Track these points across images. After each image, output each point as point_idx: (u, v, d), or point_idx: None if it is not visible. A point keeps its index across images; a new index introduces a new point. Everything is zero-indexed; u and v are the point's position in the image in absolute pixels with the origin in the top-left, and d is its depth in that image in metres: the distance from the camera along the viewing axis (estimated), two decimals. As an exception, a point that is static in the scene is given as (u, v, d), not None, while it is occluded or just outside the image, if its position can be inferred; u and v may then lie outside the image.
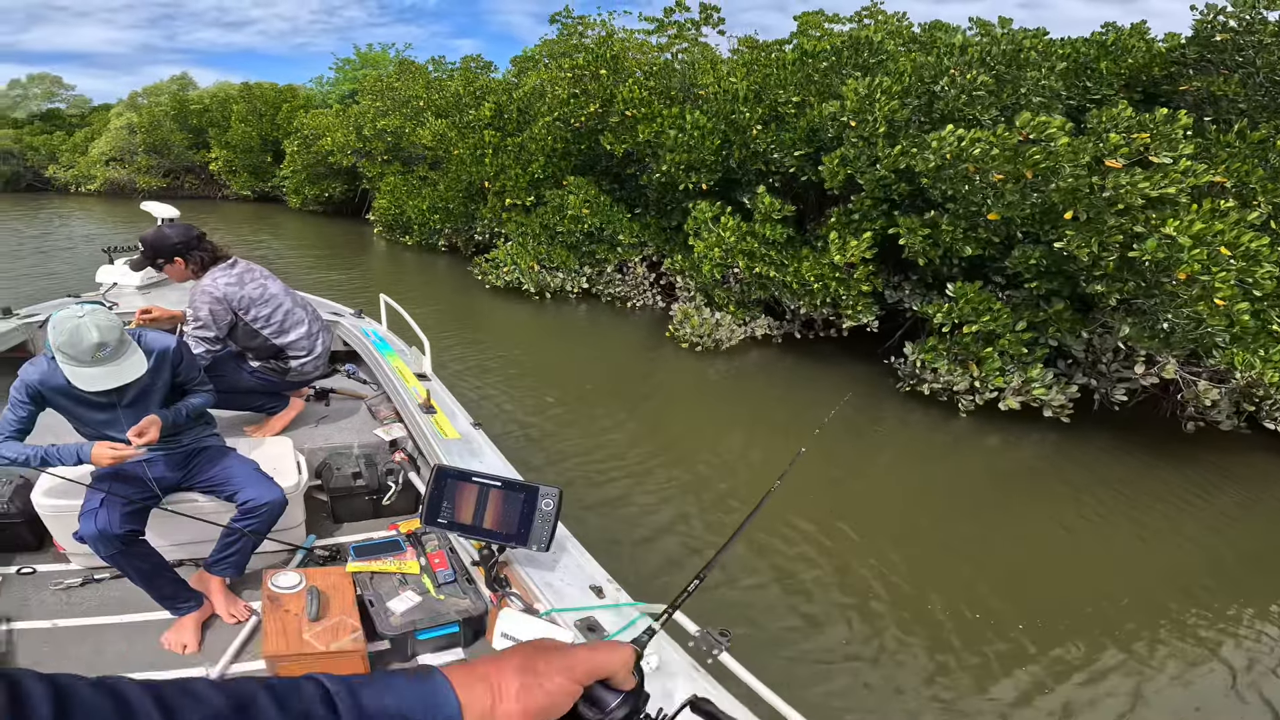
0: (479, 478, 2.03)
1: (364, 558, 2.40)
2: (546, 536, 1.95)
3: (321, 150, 17.14)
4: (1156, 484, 5.11)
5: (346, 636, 2.07)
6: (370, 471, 3.03)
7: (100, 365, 2.01)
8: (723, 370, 7.35)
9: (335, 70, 26.64)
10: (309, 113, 19.60)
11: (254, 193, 22.55)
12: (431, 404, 3.05)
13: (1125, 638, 3.49)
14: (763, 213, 7.48)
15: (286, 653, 2.00)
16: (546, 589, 1.92)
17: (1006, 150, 5.56)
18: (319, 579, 2.27)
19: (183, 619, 2.27)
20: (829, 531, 4.22)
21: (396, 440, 3.25)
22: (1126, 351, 5.75)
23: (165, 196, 24.08)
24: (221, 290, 2.96)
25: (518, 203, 10.34)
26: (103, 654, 2.19)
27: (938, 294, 7.03)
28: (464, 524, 2.02)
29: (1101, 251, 5.27)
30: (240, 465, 2.42)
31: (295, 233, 16.94)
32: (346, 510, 3.01)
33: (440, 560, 2.37)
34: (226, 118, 22.54)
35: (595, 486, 4.69)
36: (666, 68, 10.01)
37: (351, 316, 4.43)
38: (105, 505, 2.12)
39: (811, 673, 3.14)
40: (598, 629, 1.76)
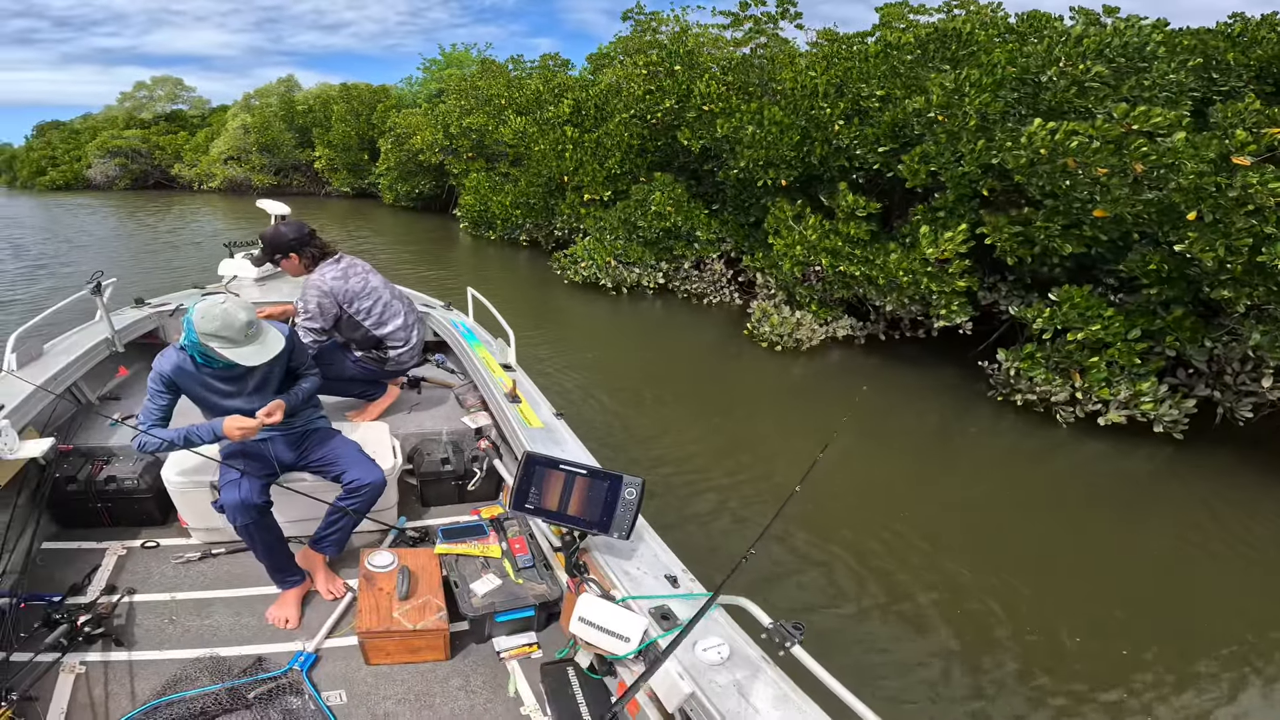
0: (566, 465, 2.08)
1: (451, 540, 2.49)
2: (628, 525, 1.99)
3: (412, 148, 17.91)
4: (1276, 509, 4.68)
5: (432, 616, 2.16)
6: (457, 458, 3.12)
7: (253, 342, 2.19)
8: (804, 371, 7.22)
9: (423, 70, 27.81)
10: (400, 112, 20.52)
11: (352, 189, 23.89)
12: (517, 393, 3.12)
13: (1237, 675, 3.24)
14: (846, 210, 7.29)
15: (377, 629, 2.11)
16: (624, 576, 1.95)
17: (1108, 143, 5.18)
18: (410, 559, 2.37)
19: (287, 594, 2.40)
20: (903, 539, 4.10)
21: (481, 428, 3.32)
22: (1255, 362, 5.27)
23: (275, 193, 25.88)
24: (329, 284, 3.12)
25: (595, 198, 10.50)
26: (213, 626, 2.31)
27: (1038, 296, 6.65)
28: (549, 510, 2.06)
29: (1228, 255, 4.85)
30: (346, 447, 2.54)
31: (389, 228, 17.79)
32: (434, 494, 3.11)
33: (520, 546, 2.45)
34: (328, 117, 23.93)
35: (667, 482, 4.71)
36: (744, 63, 9.88)
37: (441, 309, 4.56)
38: (245, 477, 2.29)
39: (884, 672, 3.10)
40: (671, 617, 1.79)
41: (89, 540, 2.72)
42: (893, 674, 3.16)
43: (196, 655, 2.15)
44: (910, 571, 3.88)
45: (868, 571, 3.84)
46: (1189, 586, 3.90)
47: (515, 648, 2.24)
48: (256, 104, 27.37)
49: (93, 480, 2.74)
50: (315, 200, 24.13)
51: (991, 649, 3.32)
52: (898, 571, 3.87)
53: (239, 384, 2.36)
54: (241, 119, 26.31)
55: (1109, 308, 5.68)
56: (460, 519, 2.84)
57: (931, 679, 3.14)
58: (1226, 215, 4.85)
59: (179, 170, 28.43)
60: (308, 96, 26.39)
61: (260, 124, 25.30)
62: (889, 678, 3.13)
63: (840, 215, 7.38)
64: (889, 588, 3.73)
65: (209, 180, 26.87)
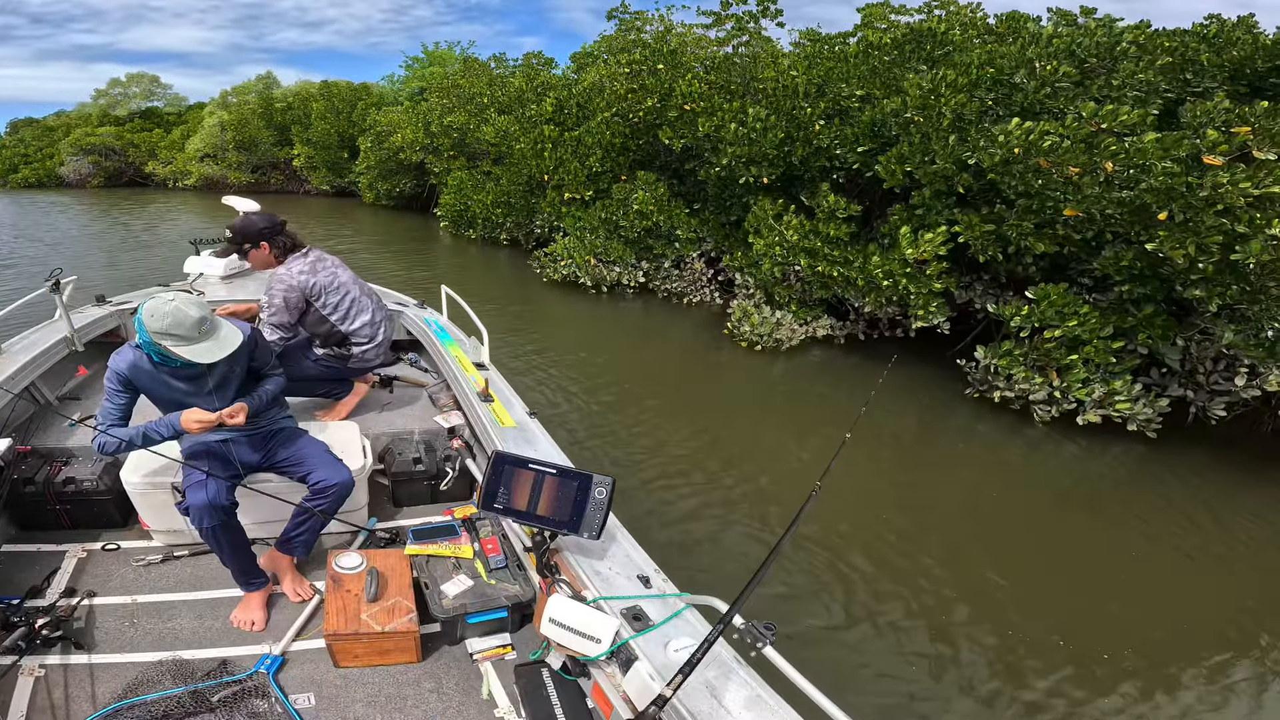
0: (535, 464, 2.06)
1: (421, 541, 2.45)
2: (598, 525, 1.97)
3: (392, 147, 17.74)
4: (1252, 506, 4.72)
5: (402, 618, 2.13)
6: (430, 457, 3.09)
7: (207, 339, 2.13)
8: (784, 370, 7.22)
9: (405, 68, 27.56)
10: (381, 110, 20.31)
11: (332, 188, 23.60)
12: (489, 393, 3.10)
13: (1204, 670, 3.25)
14: (826, 210, 7.30)
15: (345, 631, 2.08)
16: (595, 577, 1.94)
17: (1078, 142, 5.22)
18: (379, 560, 2.33)
19: (251, 596, 2.36)
20: (882, 538, 4.09)
21: (455, 428, 3.29)
22: (1228, 361, 5.33)
23: (253, 191, 25.49)
24: (296, 278, 3.04)
25: (576, 196, 10.44)
26: (175, 630, 2.28)
27: (1013, 295, 6.70)
28: (519, 510, 2.05)
29: (1199, 254, 4.90)
30: (313, 447, 2.50)
31: (368, 226, 17.61)
32: (406, 494, 3.08)
33: (493, 546, 2.41)
34: (307, 115, 23.61)
35: (644, 482, 4.67)
36: (726, 61, 9.88)
37: (415, 307, 4.52)
38: (210, 478, 2.23)
39: (857, 677, 3.08)
40: (643, 618, 1.78)
41: (48, 543, 2.67)
42: (867, 675, 3.13)
43: (159, 658, 2.11)
44: (887, 571, 3.86)
45: (843, 571, 3.82)
46: (1163, 586, 3.92)
47: (488, 649, 2.22)
48: (234, 101, 26.95)
49: (51, 482, 2.69)
50: (294, 198, 23.80)
51: (967, 648, 3.31)
52: (874, 571, 3.85)
53: (198, 383, 2.31)
54: (218, 116, 25.90)
55: (1085, 305, 5.73)
56: (432, 519, 2.80)
57: (907, 678, 3.12)
58: (1197, 215, 4.90)
59: (153, 168, 27.90)
60: (287, 94, 26.04)
61: (238, 121, 24.91)
62: (863, 679, 3.11)
63: (821, 215, 7.38)
64: (865, 587, 3.71)
65: (184, 178, 26.41)
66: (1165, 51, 6.50)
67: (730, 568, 3.78)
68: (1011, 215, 6.07)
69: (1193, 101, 5.59)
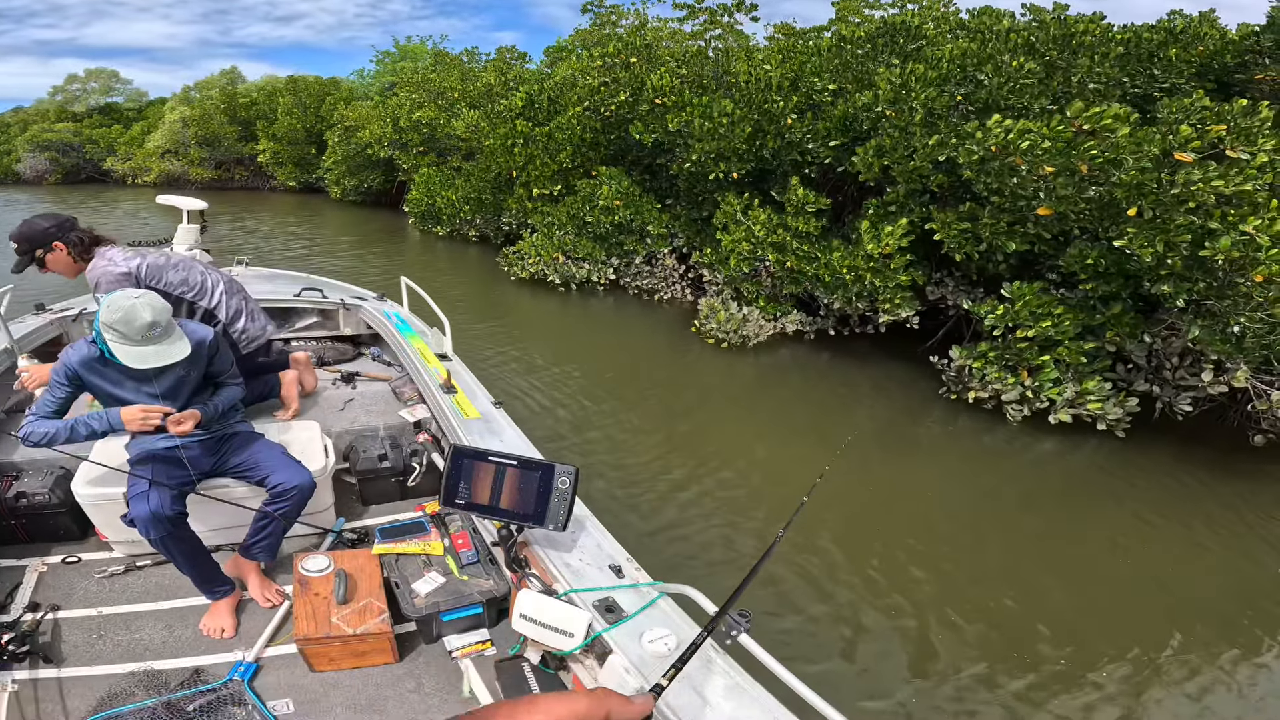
0: (495, 457, 2.00)
1: (390, 540, 2.39)
2: (563, 515, 1.92)
3: (360, 142, 17.35)
4: (1219, 500, 4.70)
5: (374, 619, 2.09)
6: (396, 453, 3.02)
7: (149, 344, 2.07)
8: (751, 367, 7.10)
9: (376, 63, 27.06)
10: (349, 105, 19.87)
11: (299, 184, 23.04)
12: (452, 384, 3.06)
13: (1178, 663, 3.20)
14: (796, 205, 7.18)
15: (316, 636, 2.04)
16: (565, 569, 1.91)
17: (1059, 144, 5.16)
18: (347, 562, 2.29)
19: (218, 604, 2.30)
20: (856, 539, 3.99)
21: (420, 421, 3.23)
22: (1194, 357, 5.29)
23: (215, 188, 24.83)
24: (121, 265, 2.69)
25: (545, 192, 10.22)
26: (143, 641, 2.23)
27: (984, 292, 6.63)
28: (481, 504, 2.00)
29: (1167, 251, 4.84)
30: (269, 450, 2.43)
31: (336, 223, 17.23)
32: (374, 492, 3.01)
33: (464, 541, 2.35)
34: (273, 110, 23.04)
35: (611, 476, 4.60)
36: (699, 55, 9.74)
37: (374, 300, 4.43)
38: (154, 488, 2.16)
39: (836, 678, 3.01)
40: (616, 609, 1.75)
41: (7, 558, 2.59)
42: (838, 665, 3.08)
43: (130, 669, 2.08)
44: (859, 570, 3.76)
45: (812, 570, 3.69)
46: (1133, 585, 3.86)
47: (467, 646, 2.18)
48: (196, 96, 26.21)
49: (4, 497, 2.60)
50: (259, 195, 23.20)
51: (942, 648, 3.23)
52: (845, 569, 3.75)
53: (148, 385, 2.25)
54: (180, 112, 25.15)
55: (1060, 305, 5.67)
56: (400, 517, 2.71)
57: (881, 676, 3.05)
58: (1166, 212, 4.85)
59: (112, 164, 27.04)
60: (251, 89, 25.40)
61: (200, 117, 24.22)
62: (836, 670, 3.05)
63: (790, 210, 7.26)
64: (835, 585, 3.61)
65: (144, 174, 25.61)
66: (1119, 43, 6.49)
67: (703, 555, 3.75)
68: (985, 213, 6.00)
69: (1169, 98, 5.54)
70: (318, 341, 4.19)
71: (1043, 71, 6.27)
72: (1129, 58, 6.52)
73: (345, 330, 4.30)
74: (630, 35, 11.03)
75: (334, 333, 4.30)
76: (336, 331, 4.30)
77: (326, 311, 4.32)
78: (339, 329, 4.30)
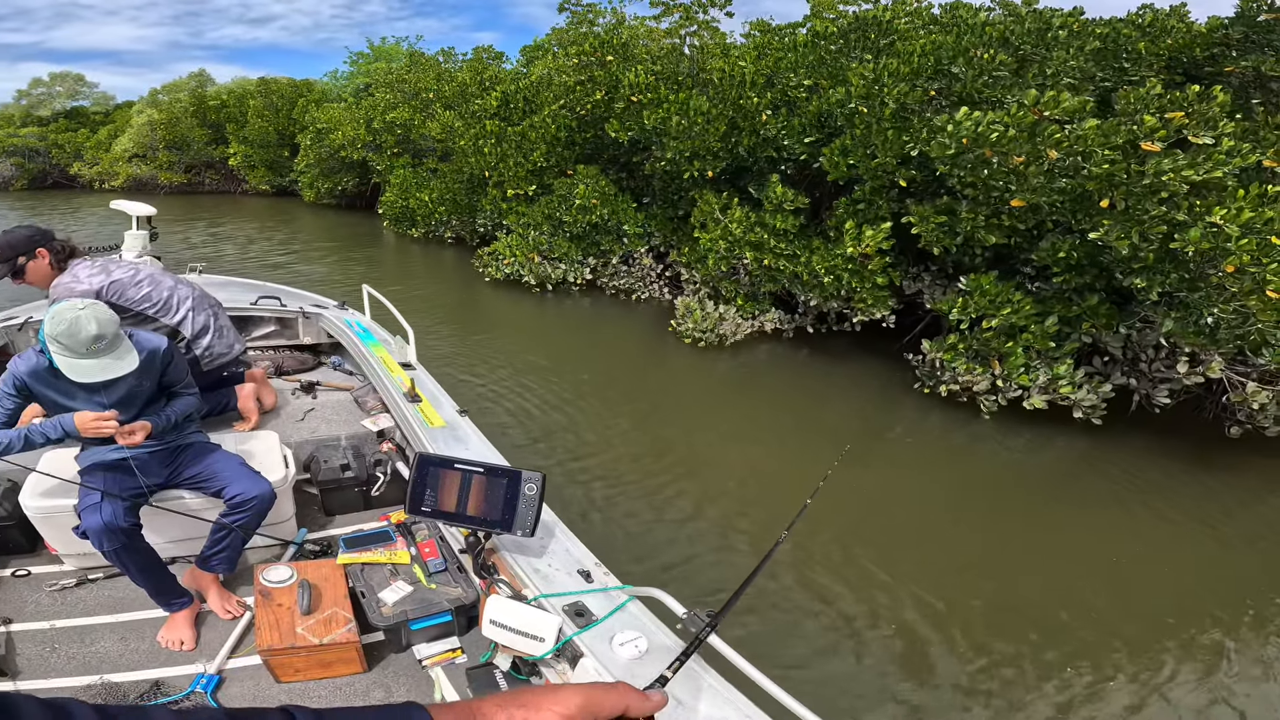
0: (461, 464, 2.00)
1: (354, 549, 2.38)
2: (531, 522, 1.93)
3: (333, 144, 17.07)
4: (1195, 492, 4.71)
5: (340, 628, 2.08)
6: (359, 463, 3.00)
7: (94, 358, 2.04)
8: (728, 366, 7.03)
9: (350, 64, 26.63)
10: (321, 107, 19.55)
11: (272, 187, 22.58)
12: (416, 392, 3.03)
13: (1156, 657, 3.18)
14: (774, 203, 7.13)
15: (280, 646, 2.01)
16: (534, 574, 1.91)
17: (1022, 130, 5.15)
18: (310, 572, 2.27)
19: (176, 615, 2.27)
20: (830, 537, 3.92)
21: (384, 430, 3.21)
22: (1169, 349, 5.30)
23: (186, 193, 24.29)
24: (85, 282, 2.75)
25: (519, 192, 10.09)
26: (100, 654, 2.20)
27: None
28: (448, 512, 1.99)
29: (1141, 242, 4.84)
30: (226, 460, 2.41)
31: (309, 226, 16.93)
32: (337, 502, 2.99)
33: (431, 549, 2.35)
34: (244, 113, 22.60)
35: (584, 481, 4.52)
36: (674, 51, 9.67)
37: (335, 308, 4.36)
38: (106, 499, 2.13)
39: (810, 678, 2.95)
40: (585, 613, 1.75)
41: None
42: (812, 668, 3.04)
43: (87, 683, 2.06)
44: (832, 570, 3.70)
45: (788, 571, 3.61)
46: (1111, 577, 3.83)
47: (438, 654, 2.17)
48: (164, 99, 25.64)
49: None
50: (230, 199, 22.74)
51: (919, 647, 3.17)
52: (819, 570, 3.68)
53: (98, 395, 2.22)
54: (147, 115, 24.57)
55: (1017, 293, 5.67)
56: (366, 526, 2.68)
57: (855, 676, 3.00)
58: (1139, 203, 4.85)
59: (79, 169, 26.38)
60: (221, 91, 24.88)
61: (168, 120, 23.68)
62: (809, 672, 3.00)
63: (769, 208, 7.21)
64: (808, 586, 3.55)
65: (111, 179, 24.99)
66: (1096, 37, 6.52)
67: (669, 559, 3.69)
68: (962, 207, 5.99)
69: (1126, 88, 5.56)
70: (276, 350, 4.12)
71: (1015, 64, 6.28)
72: (1104, 52, 6.55)
73: (305, 339, 4.25)
74: (607, 33, 10.93)
75: (293, 341, 4.24)
76: (296, 340, 4.25)
77: (285, 320, 4.26)
78: (298, 338, 4.25)
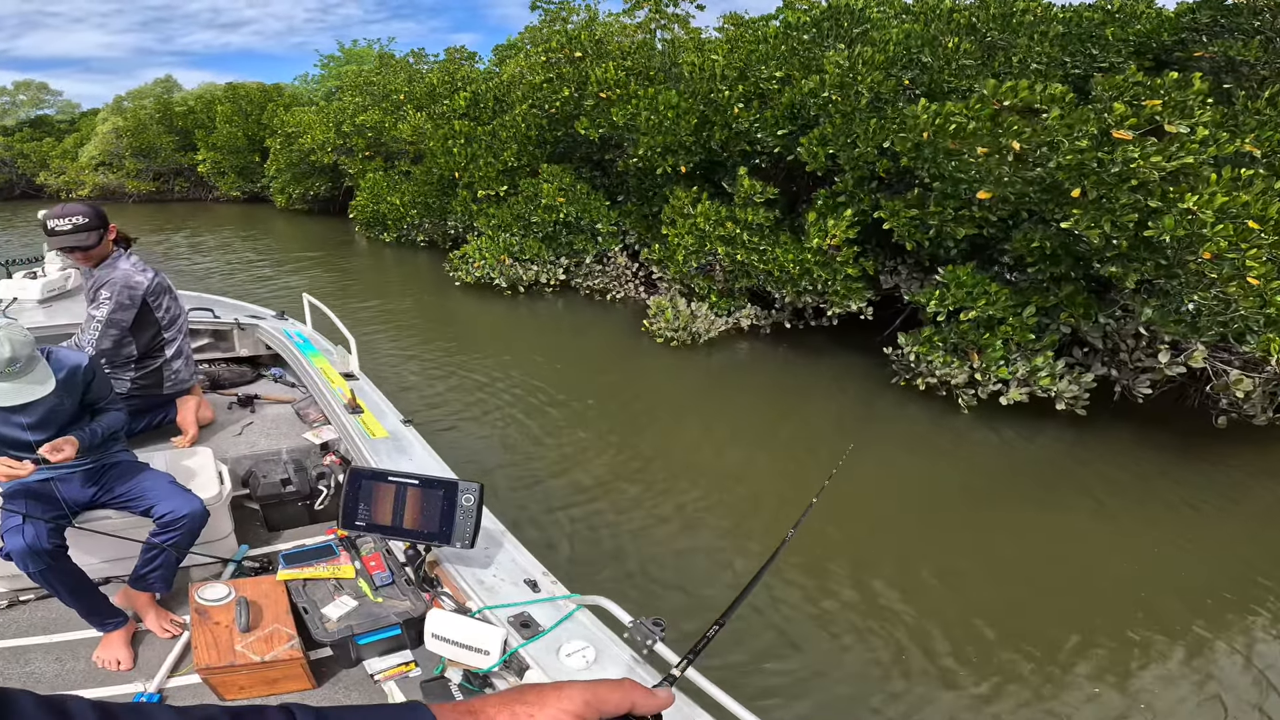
0: (395, 477, 1.98)
1: (295, 565, 2.34)
2: (470, 533, 1.91)
3: (302, 148, 16.76)
4: (1182, 483, 4.64)
5: (282, 645, 2.04)
6: (300, 476, 2.94)
7: (8, 381, 2.00)
8: (702, 366, 6.89)
9: (321, 67, 26.26)
10: (289, 111, 19.21)
11: (243, 193, 22.18)
12: (357, 403, 3.00)
13: (1146, 651, 3.12)
14: (743, 196, 6.99)
15: (219, 664, 1.97)
16: (478, 586, 1.89)
17: (982, 121, 5.06)
18: (248, 589, 2.23)
19: (111, 635, 2.23)
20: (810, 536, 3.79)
21: (328, 443, 3.15)
22: (1149, 338, 5.22)
23: (156, 200, 23.79)
24: (136, 275, 2.84)
25: (490, 193, 9.89)
26: (35, 675, 2.17)
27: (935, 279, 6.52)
28: (383, 525, 1.98)
29: (1114, 231, 4.75)
30: (154, 479, 2.36)
31: (281, 232, 16.62)
32: (280, 518, 2.93)
33: (376, 563, 2.29)
34: (212, 119, 22.18)
35: (546, 494, 4.36)
36: (644, 46, 9.52)
37: (273, 318, 4.25)
38: (28, 521, 2.09)
39: (783, 686, 2.87)
40: (532, 624, 1.74)
41: None
42: (777, 675, 2.94)
43: None
44: (808, 567, 3.57)
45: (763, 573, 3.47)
46: (1096, 571, 3.75)
47: (390, 669, 2.12)
48: (129, 106, 25.11)
49: None
50: (202, 206, 22.31)
51: (899, 646, 3.09)
52: (795, 573, 3.55)
53: (17, 415, 2.17)
54: (113, 122, 24.05)
55: (994, 284, 5.57)
56: (307, 541, 2.63)
57: (832, 679, 2.92)
58: (1110, 191, 4.77)
59: (45, 178, 25.76)
60: (188, 97, 24.42)
61: (134, 127, 23.18)
62: (774, 679, 2.91)
63: (738, 201, 7.07)
64: (785, 588, 3.44)
65: (79, 188, 24.40)
66: (1059, 22, 6.45)
67: (630, 567, 3.60)
68: (931, 200, 5.89)
69: (1102, 76, 5.49)
70: (212, 364, 3.97)
71: (981, 52, 6.19)
72: (1070, 38, 6.48)
73: (242, 351, 4.14)
74: (579, 30, 10.77)
75: (229, 354, 4.12)
76: (232, 353, 4.13)
77: (220, 332, 4.14)
78: (235, 350, 4.13)
